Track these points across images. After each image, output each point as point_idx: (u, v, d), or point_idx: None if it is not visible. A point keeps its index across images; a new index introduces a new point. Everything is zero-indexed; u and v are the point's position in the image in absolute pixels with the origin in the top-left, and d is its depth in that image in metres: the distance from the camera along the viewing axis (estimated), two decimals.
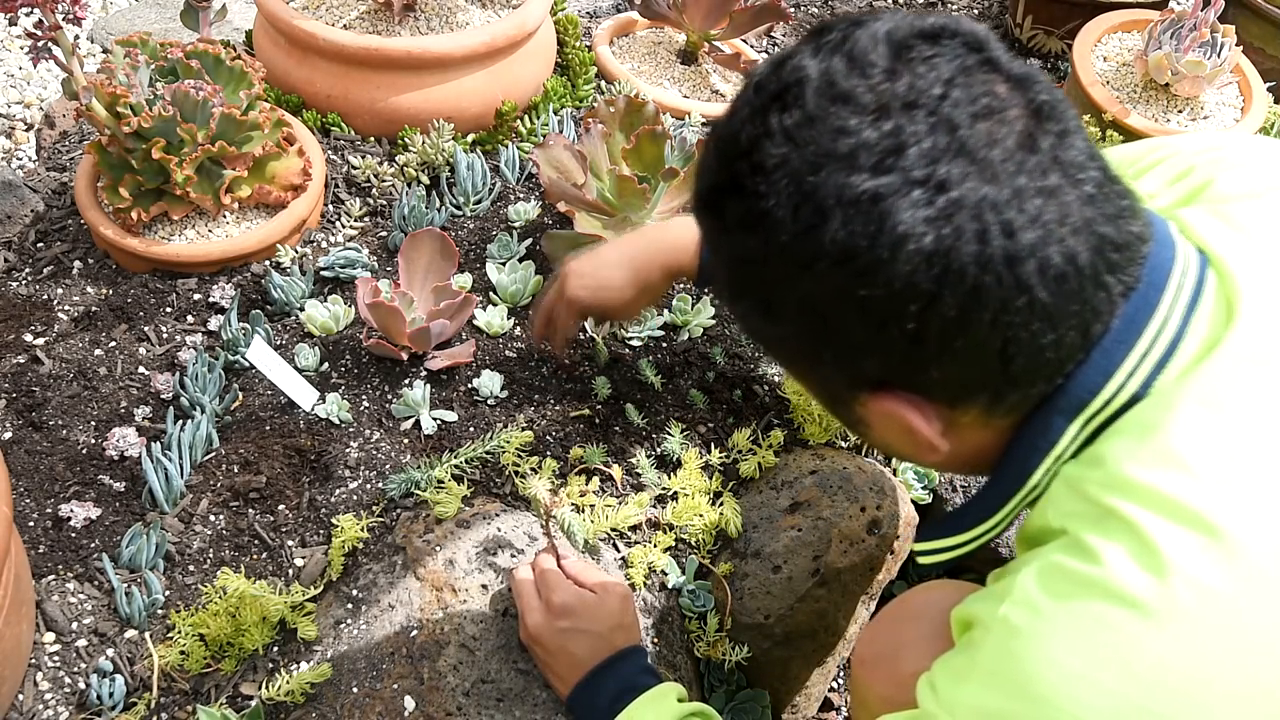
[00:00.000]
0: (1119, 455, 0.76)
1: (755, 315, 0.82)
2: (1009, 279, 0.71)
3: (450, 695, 1.24)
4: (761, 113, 0.74)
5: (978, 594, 0.85)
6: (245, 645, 1.29)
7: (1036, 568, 0.77)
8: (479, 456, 1.46)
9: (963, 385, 0.77)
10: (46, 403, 1.50)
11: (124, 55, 1.63)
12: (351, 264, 1.69)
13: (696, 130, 2.01)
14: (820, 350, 0.79)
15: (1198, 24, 2.12)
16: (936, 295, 0.71)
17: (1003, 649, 0.75)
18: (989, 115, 0.71)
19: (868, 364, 0.78)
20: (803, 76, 0.73)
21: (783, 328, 0.80)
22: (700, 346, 1.65)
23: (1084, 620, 0.72)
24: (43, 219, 1.78)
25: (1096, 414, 0.78)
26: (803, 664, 1.50)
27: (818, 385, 0.87)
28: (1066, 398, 0.78)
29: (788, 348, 0.85)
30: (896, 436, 0.83)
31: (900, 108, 0.71)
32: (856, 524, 1.44)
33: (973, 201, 0.70)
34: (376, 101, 1.87)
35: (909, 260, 0.70)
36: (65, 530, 1.37)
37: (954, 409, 0.79)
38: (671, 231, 1.40)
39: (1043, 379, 0.77)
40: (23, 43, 2.60)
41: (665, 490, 1.47)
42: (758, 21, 2.14)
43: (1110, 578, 0.72)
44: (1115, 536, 0.73)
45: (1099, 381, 0.77)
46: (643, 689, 1.17)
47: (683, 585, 1.41)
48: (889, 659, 1.16)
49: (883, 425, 0.83)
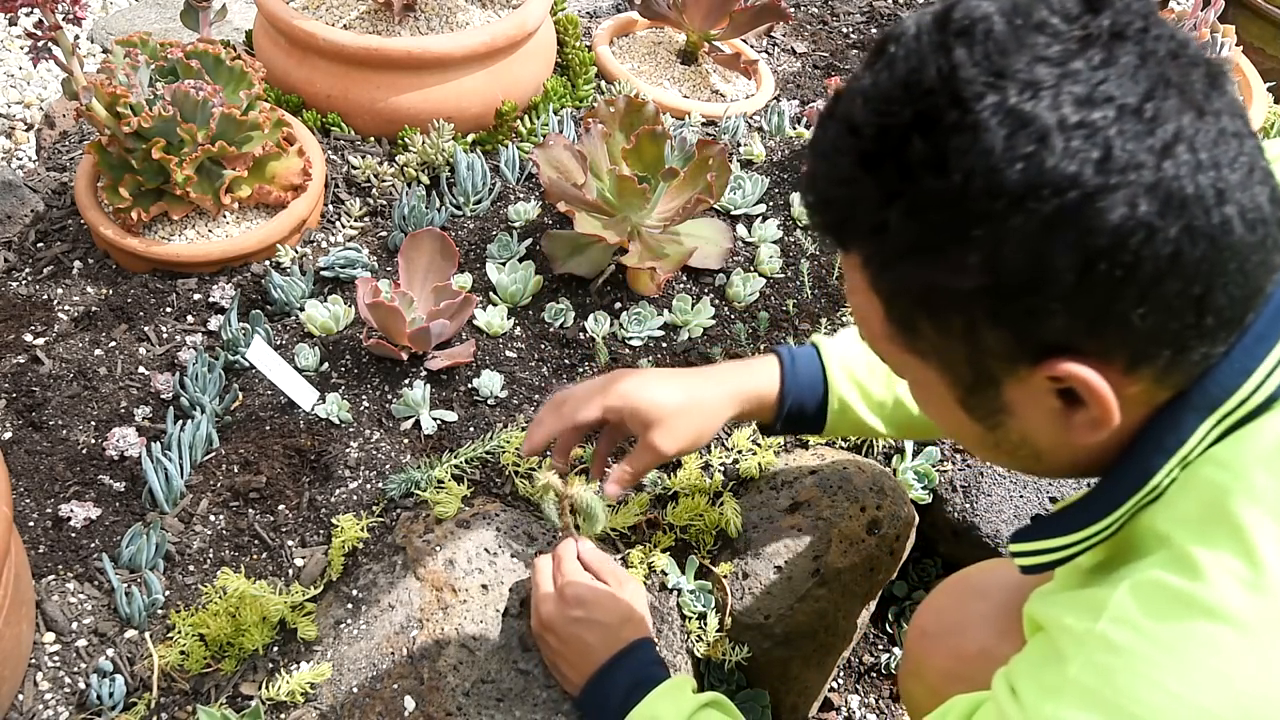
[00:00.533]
0: (1248, 461, 0.74)
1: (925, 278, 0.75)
2: (1217, 215, 0.69)
3: (450, 695, 1.24)
4: (943, 50, 0.71)
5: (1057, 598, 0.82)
6: (245, 645, 1.29)
7: (1134, 583, 0.74)
8: (479, 456, 1.46)
9: (1154, 338, 0.73)
10: (46, 403, 1.50)
11: (124, 55, 1.63)
12: (351, 264, 1.69)
13: (696, 130, 2.01)
14: (1000, 309, 0.73)
15: (1198, 24, 2.12)
16: (1155, 229, 0.68)
17: (1099, 667, 0.73)
18: (1179, 55, 0.71)
19: (1054, 321, 0.72)
20: (986, 14, 0.71)
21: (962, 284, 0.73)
22: (700, 346, 1.65)
23: (1186, 641, 0.70)
24: (43, 219, 1.78)
25: (1230, 414, 0.76)
26: (803, 664, 1.50)
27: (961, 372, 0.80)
28: (1202, 393, 0.76)
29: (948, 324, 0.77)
30: (1042, 422, 0.79)
31: (1109, 38, 0.69)
32: (856, 524, 1.44)
33: (1189, 135, 0.69)
34: (376, 101, 1.87)
35: (1133, 189, 0.68)
36: (65, 530, 1.37)
37: (1129, 375, 0.75)
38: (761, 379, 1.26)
39: (1223, 336, 0.74)
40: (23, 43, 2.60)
41: (665, 490, 1.47)
42: (758, 21, 2.14)
43: (1213, 596, 0.70)
44: (1221, 547, 0.71)
45: (1237, 380, 0.75)
46: (656, 681, 1.16)
47: (683, 585, 1.41)
48: (954, 634, 1.15)
49: (1031, 408, 0.79)
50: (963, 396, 0.82)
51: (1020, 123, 0.68)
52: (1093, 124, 0.68)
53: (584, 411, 1.20)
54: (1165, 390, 0.76)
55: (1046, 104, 0.68)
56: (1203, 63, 0.72)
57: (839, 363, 1.26)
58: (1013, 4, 0.71)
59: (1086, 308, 0.71)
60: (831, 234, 0.81)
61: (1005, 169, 0.69)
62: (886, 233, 0.75)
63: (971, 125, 0.69)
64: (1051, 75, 0.68)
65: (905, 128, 0.72)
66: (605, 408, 1.20)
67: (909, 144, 0.72)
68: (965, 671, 1.13)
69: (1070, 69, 0.69)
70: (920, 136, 0.71)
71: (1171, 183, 0.68)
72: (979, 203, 0.70)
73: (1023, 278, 0.71)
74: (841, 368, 1.26)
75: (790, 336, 1.68)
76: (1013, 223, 0.69)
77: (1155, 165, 0.68)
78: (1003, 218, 0.69)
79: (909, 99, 0.72)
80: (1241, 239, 0.71)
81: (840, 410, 1.26)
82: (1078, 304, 0.71)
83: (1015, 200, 0.69)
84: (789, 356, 1.26)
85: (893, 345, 0.83)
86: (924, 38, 0.73)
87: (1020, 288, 0.71)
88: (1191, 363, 0.75)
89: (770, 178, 1.90)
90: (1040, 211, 0.69)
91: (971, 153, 0.69)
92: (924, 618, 1.23)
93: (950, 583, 1.24)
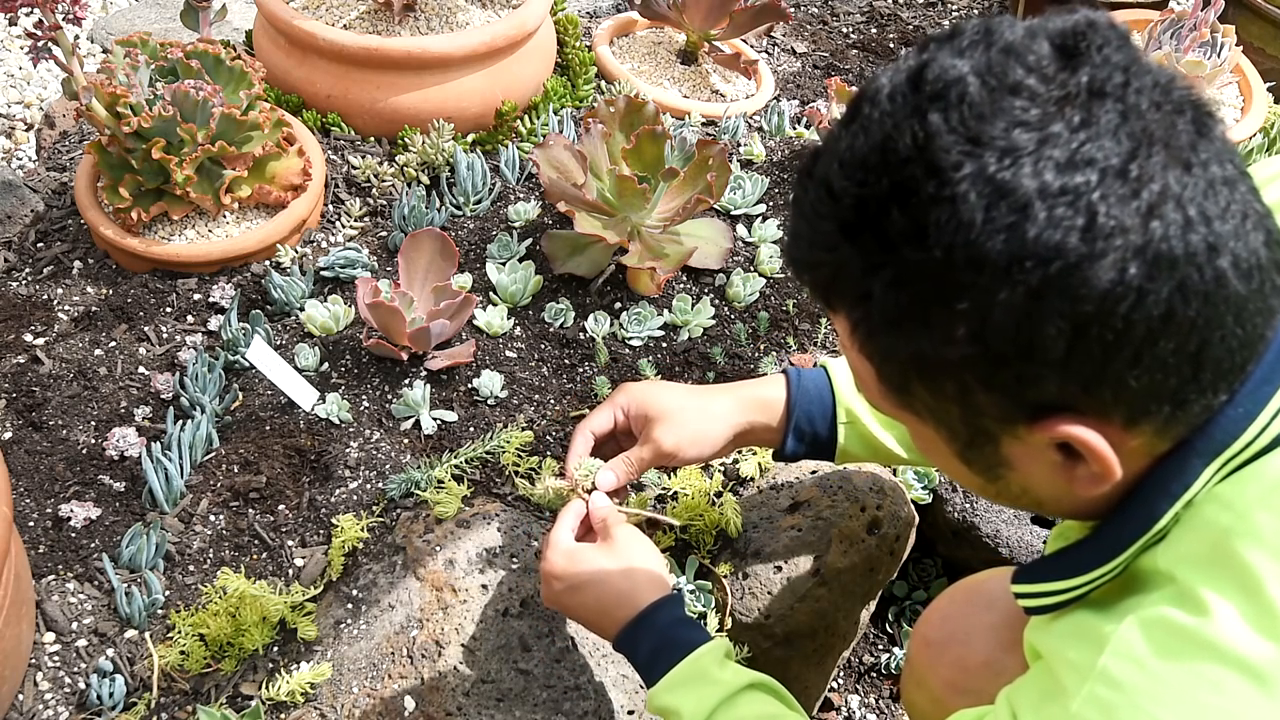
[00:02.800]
0: (1251, 501, 0.73)
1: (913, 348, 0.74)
2: (1209, 271, 0.67)
3: (450, 695, 1.24)
4: (917, 115, 0.69)
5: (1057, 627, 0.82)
6: (245, 645, 1.29)
7: (1141, 619, 0.74)
8: (479, 456, 1.46)
9: (1151, 395, 0.72)
10: (46, 403, 1.50)
11: (124, 55, 1.63)
12: (351, 264, 1.69)
13: (696, 130, 2.01)
14: (992, 376, 0.72)
15: (1198, 24, 2.12)
16: (1145, 292, 0.67)
17: (1102, 703, 0.72)
18: (1164, 104, 0.68)
19: (1047, 384, 0.71)
20: (960, 75, 0.68)
21: (950, 354, 0.72)
22: (700, 346, 1.65)
23: (1192, 681, 0.70)
24: (43, 219, 1.78)
25: (1234, 457, 0.75)
26: (803, 664, 1.50)
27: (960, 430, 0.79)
28: (1207, 439, 0.74)
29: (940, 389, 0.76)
30: (1045, 476, 0.78)
31: (1087, 96, 0.67)
32: (856, 524, 1.44)
33: (1175, 192, 0.67)
34: (376, 101, 1.87)
35: (1120, 253, 0.66)
36: (65, 530, 1.37)
37: (1129, 430, 0.74)
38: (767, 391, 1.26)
39: (1224, 386, 0.73)
40: (23, 43, 2.60)
41: (665, 490, 1.47)
42: (758, 21, 2.14)
43: (1221, 636, 0.69)
44: (1228, 590, 0.70)
45: (1242, 425, 0.74)
46: (678, 645, 1.09)
47: (683, 585, 1.41)
48: (958, 644, 1.14)
49: (1030, 463, 0.77)
50: (961, 451, 0.81)
51: (1000, 193, 0.66)
52: (1075, 189, 0.66)
53: (597, 417, 1.24)
54: (1167, 441, 0.75)
55: (1027, 171, 0.66)
56: (1188, 107, 0.70)
57: (846, 378, 1.24)
58: (987, 63, 0.69)
59: (1080, 372, 0.70)
60: (818, 295, 0.80)
61: (987, 241, 0.67)
62: (871, 301, 0.74)
63: (950, 197, 0.67)
64: (1030, 140, 0.66)
65: (883, 199, 0.70)
66: (615, 405, 1.23)
67: (888, 215, 0.70)
68: (970, 683, 1.12)
69: (1049, 132, 0.67)
70: (898, 208, 0.69)
71: (1160, 244, 0.66)
72: (962, 275, 0.68)
73: (1012, 347, 0.70)
74: (849, 382, 1.24)
75: (790, 336, 1.68)
76: (998, 294, 0.68)
77: (1142, 227, 0.66)
78: (987, 290, 0.68)
79: (885, 168, 0.70)
80: (1237, 291, 0.69)
81: (850, 424, 1.24)
82: (1070, 369, 0.70)
83: (999, 272, 0.67)
84: (796, 373, 1.26)
85: (887, 403, 0.82)
86: (898, 100, 0.70)
87: (1010, 356, 0.70)
88: (1193, 414, 0.74)
89: (770, 178, 1.90)
90: (1026, 282, 0.67)
91: (951, 225, 0.68)
92: (928, 626, 1.22)
93: (955, 591, 1.22)
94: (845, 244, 0.73)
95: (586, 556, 1.16)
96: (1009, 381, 0.72)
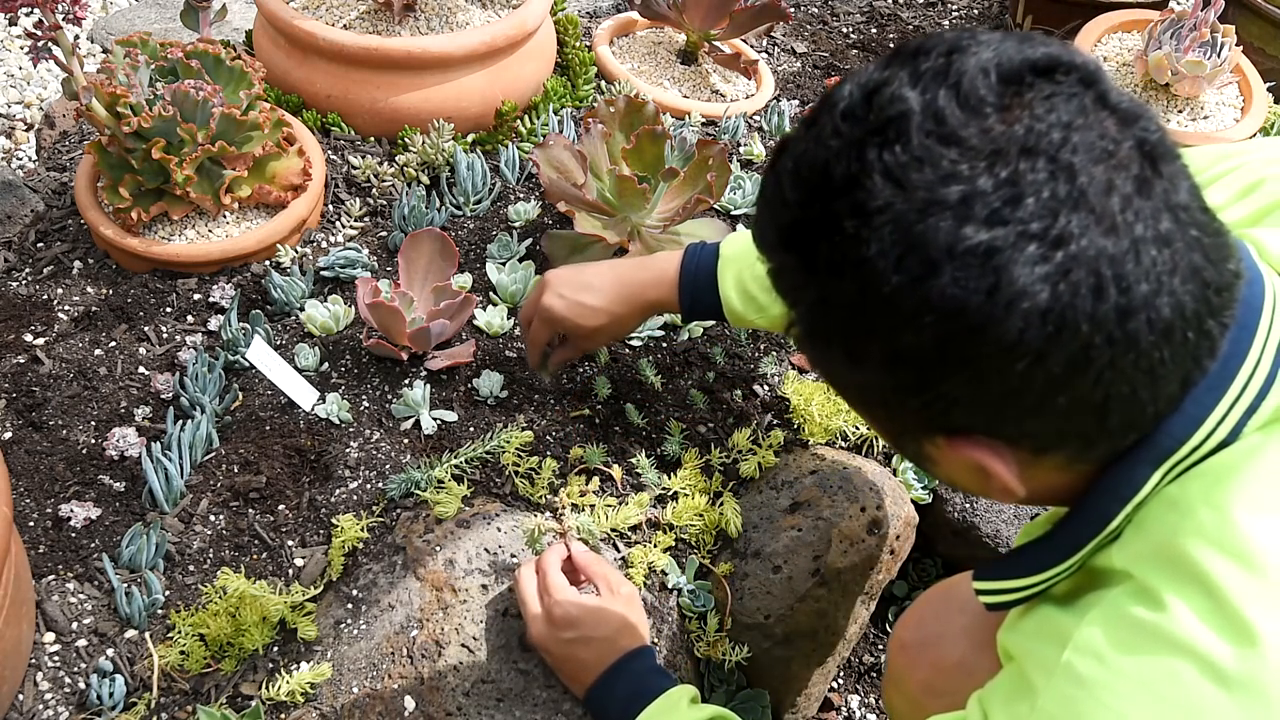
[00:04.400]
0: (1194, 499, 0.74)
1: (834, 360, 0.79)
2: (1119, 335, 0.68)
3: (450, 695, 1.24)
4: (857, 147, 0.70)
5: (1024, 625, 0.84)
6: (245, 645, 1.29)
7: (1101, 614, 0.75)
8: (479, 456, 1.46)
9: (1056, 436, 0.75)
10: (46, 403, 1.50)
11: (124, 55, 1.63)
12: (351, 264, 1.69)
13: (696, 130, 2.01)
14: (905, 399, 0.75)
15: (1198, 24, 2.12)
16: (1045, 353, 0.68)
17: (1066, 699, 0.74)
18: (1105, 159, 0.68)
19: (955, 413, 0.74)
20: (905, 110, 0.69)
21: (866, 375, 0.76)
22: (700, 346, 1.65)
23: (1153, 675, 0.71)
24: (43, 219, 1.78)
25: (1182, 460, 0.76)
26: (803, 664, 1.50)
27: (886, 423, 0.83)
28: (1153, 446, 0.75)
29: (864, 393, 0.81)
30: (966, 476, 0.81)
31: (1018, 153, 0.67)
32: (857, 524, 1.44)
33: (1091, 256, 0.66)
34: (376, 101, 1.87)
35: (1022, 317, 0.67)
36: (65, 530, 1.37)
37: (1039, 456, 0.76)
38: (659, 263, 1.37)
39: (1136, 430, 0.75)
40: (23, 43, 2.60)
41: (665, 490, 1.47)
42: (758, 21, 2.14)
43: (1181, 631, 0.70)
44: (1180, 585, 0.71)
45: (1189, 429, 0.75)
46: (654, 692, 1.16)
47: (683, 585, 1.41)
48: (932, 645, 1.15)
49: (952, 465, 0.80)
50: (893, 440, 0.85)
51: (912, 245, 0.68)
52: (987, 249, 0.66)
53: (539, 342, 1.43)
54: (1088, 464, 0.78)
55: (944, 227, 0.67)
56: (1136, 161, 0.69)
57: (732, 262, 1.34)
58: (933, 102, 0.69)
59: (982, 411, 0.73)
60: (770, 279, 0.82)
61: (890, 291, 0.69)
62: (800, 309, 0.78)
63: (866, 240, 0.69)
64: (954, 194, 0.67)
65: (815, 225, 0.72)
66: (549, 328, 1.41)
67: (816, 244, 0.72)
68: (943, 684, 1.14)
69: (974, 189, 0.67)
70: (824, 240, 0.72)
71: (1066, 310, 0.67)
72: (871, 315, 0.71)
73: (919, 383, 0.73)
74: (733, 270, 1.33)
75: (790, 336, 1.68)
76: (904, 337, 0.70)
77: (1050, 291, 0.66)
78: (893, 331, 0.71)
79: (821, 193, 0.72)
80: (1149, 352, 0.70)
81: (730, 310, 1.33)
82: (973, 408, 0.73)
83: (906, 318, 0.69)
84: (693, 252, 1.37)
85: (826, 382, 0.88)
86: (848, 120, 0.71)
87: (917, 389, 0.73)
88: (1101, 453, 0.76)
89: None
90: (930, 330, 0.69)
91: (866, 269, 0.69)
92: (904, 629, 1.23)
93: (931, 594, 1.24)
94: (785, 251, 0.77)
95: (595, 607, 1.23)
96: (919, 407, 0.75)
